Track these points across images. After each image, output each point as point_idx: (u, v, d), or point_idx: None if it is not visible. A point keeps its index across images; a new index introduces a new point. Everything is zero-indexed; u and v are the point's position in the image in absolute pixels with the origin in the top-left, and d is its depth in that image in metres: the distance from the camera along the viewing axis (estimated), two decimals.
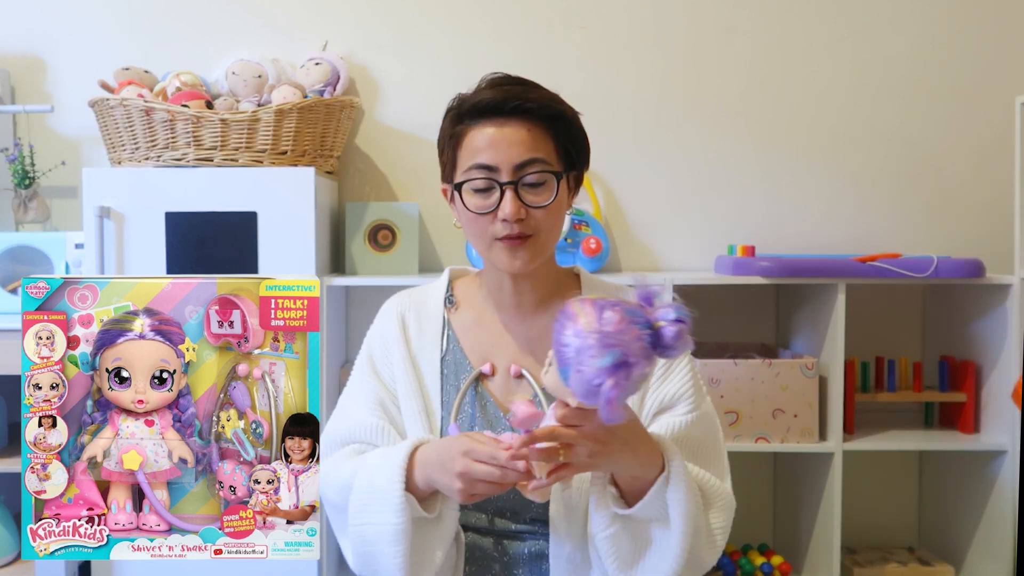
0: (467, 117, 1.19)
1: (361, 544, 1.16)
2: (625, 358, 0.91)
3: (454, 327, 1.29)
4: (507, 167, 1.16)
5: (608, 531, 1.11)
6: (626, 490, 1.11)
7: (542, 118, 1.18)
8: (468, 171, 1.18)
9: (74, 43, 2.18)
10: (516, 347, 1.26)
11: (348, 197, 2.18)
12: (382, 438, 1.24)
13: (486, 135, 1.17)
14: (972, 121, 2.19)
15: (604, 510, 1.11)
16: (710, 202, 2.20)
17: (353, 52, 2.17)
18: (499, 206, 1.16)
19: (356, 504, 1.16)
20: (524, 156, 1.16)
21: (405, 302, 1.33)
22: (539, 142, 1.18)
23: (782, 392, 1.87)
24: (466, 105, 1.20)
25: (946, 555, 2.09)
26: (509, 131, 1.17)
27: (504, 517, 1.22)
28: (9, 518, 1.93)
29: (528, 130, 1.17)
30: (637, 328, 0.93)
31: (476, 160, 1.17)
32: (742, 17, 2.18)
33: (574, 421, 1.02)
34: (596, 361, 0.91)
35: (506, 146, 1.16)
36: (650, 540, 1.12)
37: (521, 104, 1.17)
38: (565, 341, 0.95)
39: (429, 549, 1.15)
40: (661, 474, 1.09)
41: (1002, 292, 1.91)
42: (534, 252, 1.19)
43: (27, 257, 2.00)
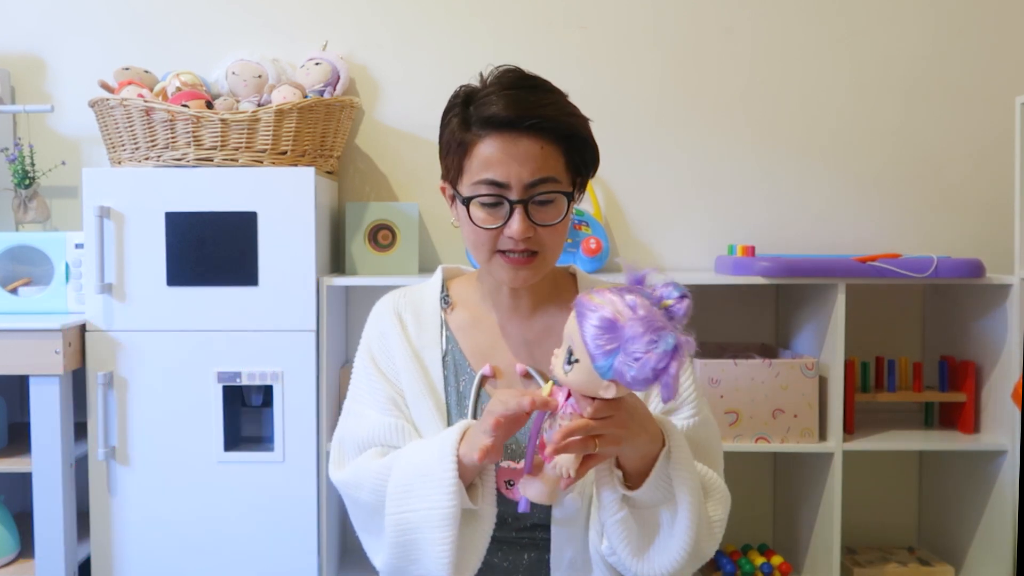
0: (477, 126, 1.15)
1: (401, 533, 1.12)
2: (679, 340, 0.93)
3: (451, 327, 1.28)
4: (518, 185, 1.13)
5: (618, 515, 1.10)
6: (631, 471, 1.10)
7: (556, 136, 1.15)
8: (477, 185, 1.15)
9: (74, 43, 2.18)
10: (514, 348, 1.26)
11: (348, 197, 2.18)
12: (402, 438, 1.21)
13: (497, 148, 1.13)
14: (972, 121, 2.19)
15: (612, 493, 1.09)
16: (710, 202, 2.20)
17: (353, 52, 2.17)
18: (507, 223, 1.14)
19: (398, 491, 1.12)
20: (536, 175, 1.13)
21: (400, 301, 1.31)
22: (551, 160, 1.14)
23: (782, 392, 1.87)
24: (476, 113, 1.15)
25: (946, 555, 2.09)
26: (523, 147, 1.13)
27: (505, 524, 1.20)
28: (9, 518, 1.93)
29: (541, 147, 1.13)
30: (658, 310, 0.96)
31: (486, 175, 1.14)
32: (742, 17, 2.18)
33: (606, 413, 1.01)
34: (658, 346, 0.92)
35: (518, 163, 1.13)
36: (659, 523, 1.11)
37: (538, 123, 1.13)
38: (598, 329, 0.95)
39: (468, 548, 1.13)
40: (663, 449, 1.08)
41: (1002, 292, 1.91)
42: (537, 270, 1.18)
43: (27, 257, 2.00)
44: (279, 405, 1.83)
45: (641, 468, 1.09)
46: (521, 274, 1.18)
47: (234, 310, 1.83)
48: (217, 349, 1.83)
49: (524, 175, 1.13)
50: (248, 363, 1.83)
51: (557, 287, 1.29)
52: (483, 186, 1.14)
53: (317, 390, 1.84)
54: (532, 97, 1.15)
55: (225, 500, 1.85)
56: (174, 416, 1.84)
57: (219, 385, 1.84)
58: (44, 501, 1.78)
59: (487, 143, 1.14)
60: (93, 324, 1.84)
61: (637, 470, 1.09)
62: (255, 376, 1.83)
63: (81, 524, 1.87)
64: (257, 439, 1.96)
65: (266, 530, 1.85)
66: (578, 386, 1.00)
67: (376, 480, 1.17)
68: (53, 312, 1.93)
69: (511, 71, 1.19)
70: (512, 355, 1.25)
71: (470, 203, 1.16)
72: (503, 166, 1.13)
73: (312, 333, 1.84)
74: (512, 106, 1.13)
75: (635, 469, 1.09)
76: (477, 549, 1.13)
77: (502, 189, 1.14)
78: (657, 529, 1.12)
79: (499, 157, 1.13)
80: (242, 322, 1.83)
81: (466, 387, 1.24)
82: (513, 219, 1.14)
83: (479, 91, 1.17)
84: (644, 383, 0.93)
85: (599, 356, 0.95)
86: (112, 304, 1.83)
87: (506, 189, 1.14)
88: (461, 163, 1.17)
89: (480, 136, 1.15)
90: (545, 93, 1.17)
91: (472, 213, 1.16)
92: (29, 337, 1.75)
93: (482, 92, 1.17)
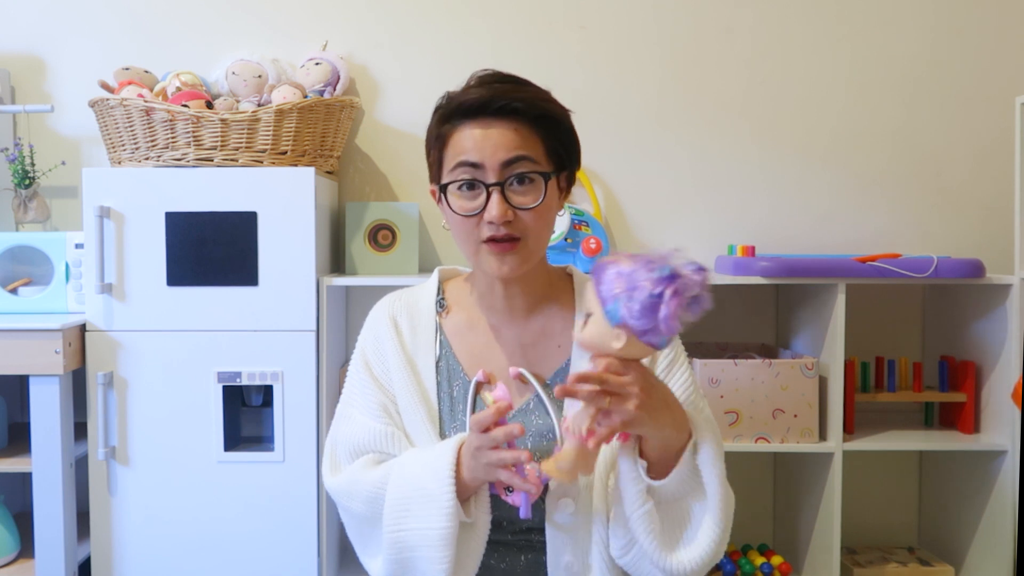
0: (453, 117, 1.17)
1: (399, 551, 1.13)
2: (676, 270, 0.96)
3: (446, 331, 1.27)
4: (493, 166, 1.14)
5: (643, 508, 1.08)
6: (655, 461, 1.08)
7: (530, 118, 1.15)
8: (453, 170, 1.16)
9: (74, 43, 2.18)
10: (509, 351, 1.25)
11: (348, 197, 2.18)
12: (394, 446, 1.21)
13: (472, 135, 1.15)
14: (972, 121, 2.19)
15: (637, 485, 1.08)
16: (710, 202, 2.20)
17: (353, 52, 2.17)
18: (485, 208, 1.14)
19: (395, 509, 1.14)
20: (511, 154, 1.14)
21: (396, 305, 1.30)
22: (527, 141, 1.15)
23: (782, 392, 1.87)
24: (452, 104, 1.17)
25: (946, 555, 2.09)
26: (496, 131, 1.14)
27: (501, 527, 1.20)
28: (9, 518, 1.93)
29: (515, 130, 1.14)
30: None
31: (461, 158, 1.15)
32: (742, 17, 2.18)
33: (619, 369, 1.01)
34: (653, 274, 0.95)
35: (492, 146, 1.14)
36: (688, 514, 1.10)
37: (508, 103, 1.14)
38: (609, 278, 0.99)
39: (465, 557, 1.13)
40: (689, 440, 1.08)
41: (1002, 292, 1.91)
42: (523, 257, 1.17)
43: (27, 257, 2.00)
44: (279, 405, 1.83)
45: (663, 459, 1.08)
46: (507, 261, 1.17)
47: (234, 310, 1.83)
48: (217, 349, 1.83)
49: (499, 155, 1.14)
50: (248, 363, 1.83)
51: (553, 287, 1.28)
52: (459, 169, 1.15)
53: (317, 390, 1.84)
54: (507, 85, 1.17)
55: (225, 500, 1.85)
56: (174, 416, 1.84)
57: (219, 385, 1.84)
58: (44, 501, 1.78)
59: (462, 132, 1.16)
60: (93, 324, 1.84)
61: (660, 460, 1.08)
62: (255, 376, 1.83)
63: (81, 524, 1.87)
64: (257, 439, 1.96)
65: (266, 530, 1.85)
66: (592, 340, 1.03)
67: (370, 492, 1.18)
68: (53, 312, 1.93)
69: (489, 71, 1.21)
70: (507, 358, 1.24)
71: (448, 191, 1.16)
72: (477, 149, 1.14)
73: (312, 333, 1.84)
74: (485, 93, 1.15)
75: (658, 459, 1.08)
76: (473, 556, 1.15)
77: (477, 171, 1.14)
78: (684, 523, 1.11)
79: (474, 143, 1.14)
80: (242, 322, 1.83)
81: (459, 393, 1.23)
82: (491, 203, 1.14)
83: (459, 89, 1.20)
84: (648, 313, 0.95)
85: (608, 300, 0.98)
86: (112, 304, 1.83)
87: (481, 171, 1.14)
88: (440, 156, 1.19)
89: (456, 126, 1.16)
90: (521, 84, 1.19)
91: (452, 202, 1.17)
92: (29, 337, 1.75)
93: (461, 88, 1.19)
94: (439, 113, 1.20)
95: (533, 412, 1.21)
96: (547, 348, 1.24)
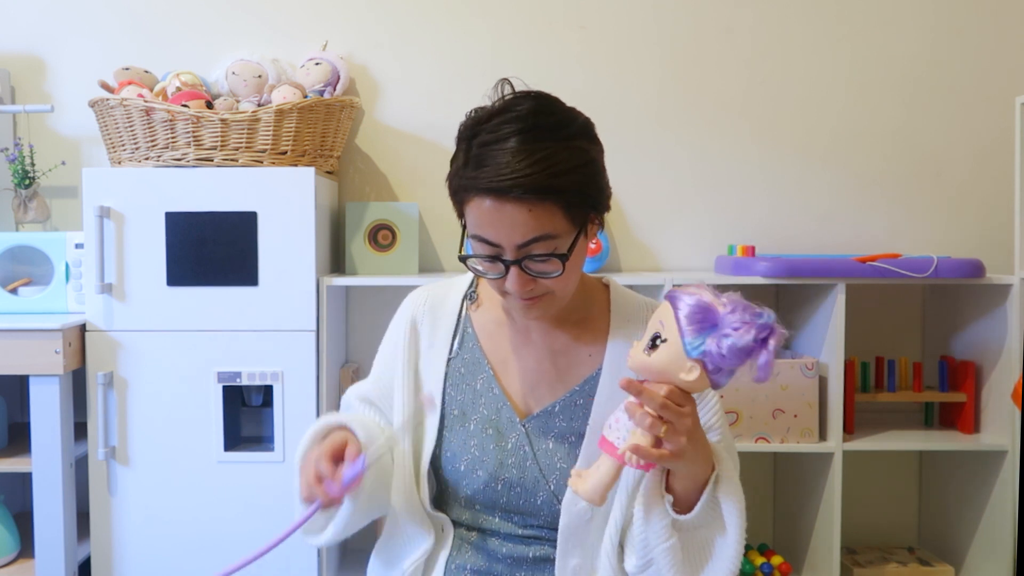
0: (470, 181, 1.08)
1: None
2: (776, 321, 0.95)
3: (475, 324, 1.27)
4: (510, 246, 1.08)
5: (668, 542, 1.07)
6: (679, 495, 1.07)
7: (546, 197, 1.06)
8: (474, 239, 1.11)
9: (74, 43, 2.18)
10: (537, 357, 1.23)
11: (348, 197, 2.18)
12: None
13: (487, 212, 1.07)
14: (972, 121, 2.19)
15: (663, 519, 1.07)
16: (710, 202, 2.20)
17: (353, 52, 2.17)
18: (506, 277, 1.11)
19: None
20: (527, 237, 1.07)
21: (421, 305, 1.29)
22: (543, 218, 1.07)
23: (782, 392, 1.87)
24: (469, 168, 1.08)
25: (946, 555, 2.09)
26: (509, 212, 1.06)
27: (511, 521, 1.21)
28: (9, 518, 1.93)
29: (529, 210, 1.06)
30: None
31: (479, 233, 1.10)
32: (742, 17, 2.18)
33: (680, 400, 0.99)
34: (757, 320, 0.95)
35: (507, 226, 1.07)
36: (709, 547, 1.10)
37: (520, 193, 1.05)
38: (694, 311, 0.97)
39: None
40: (712, 473, 1.07)
41: (1002, 292, 1.91)
42: (550, 304, 1.15)
43: (27, 257, 2.00)
44: (279, 405, 1.84)
45: (687, 492, 1.07)
46: (534, 311, 1.15)
47: (234, 310, 1.83)
48: (217, 349, 1.83)
49: (515, 237, 1.07)
50: (248, 363, 1.83)
51: (587, 299, 1.25)
52: (478, 244, 1.11)
53: (317, 390, 1.84)
54: (521, 158, 1.05)
55: (225, 500, 1.85)
56: (174, 416, 1.84)
57: (219, 385, 1.84)
58: (44, 501, 1.78)
59: (478, 201, 1.08)
60: (93, 324, 1.83)
61: (683, 494, 1.07)
62: (255, 376, 1.83)
63: (81, 524, 1.87)
64: (257, 439, 1.96)
65: (266, 530, 1.84)
66: (659, 367, 0.98)
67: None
68: (53, 312, 1.93)
69: (520, 103, 1.09)
70: (535, 362, 1.23)
71: (468, 260, 1.13)
72: (493, 228, 1.08)
73: (312, 333, 1.84)
74: (495, 174, 1.05)
75: (682, 493, 1.07)
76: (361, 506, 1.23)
77: (496, 248, 1.09)
78: (708, 553, 1.10)
79: (489, 219, 1.08)
80: (242, 322, 1.83)
81: (483, 386, 1.23)
82: (510, 277, 1.10)
83: (483, 127, 1.09)
84: (739, 355, 0.94)
85: (690, 332, 0.97)
86: (112, 304, 1.83)
87: (499, 249, 1.09)
88: (462, 208, 1.13)
89: (472, 193, 1.08)
90: (541, 146, 1.06)
91: (476, 263, 1.13)
92: (29, 337, 1.75)
93: (483, 132, 1.09)
94: (463, 155, 1.10)
95: (558, 415, 1.21)
96: (577, 356, 1.23)
